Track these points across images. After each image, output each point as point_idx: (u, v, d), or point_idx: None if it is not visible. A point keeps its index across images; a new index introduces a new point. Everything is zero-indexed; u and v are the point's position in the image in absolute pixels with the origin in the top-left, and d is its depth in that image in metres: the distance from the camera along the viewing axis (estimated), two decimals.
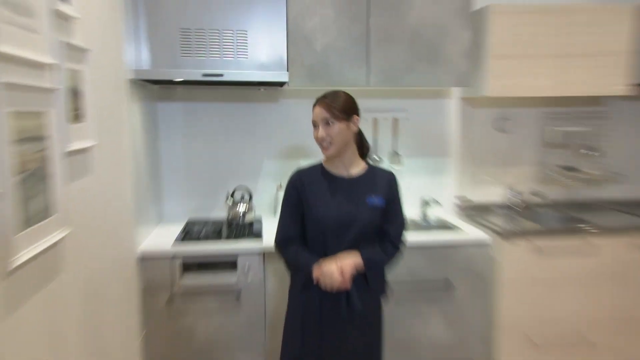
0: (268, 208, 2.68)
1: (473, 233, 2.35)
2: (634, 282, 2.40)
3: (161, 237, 2.27)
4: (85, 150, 1.49)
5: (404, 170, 2.72)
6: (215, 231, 2.36)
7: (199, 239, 2.23)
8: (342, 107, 1.57)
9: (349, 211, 1.59)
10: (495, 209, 2.80)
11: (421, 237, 2.26)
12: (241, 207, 2.49)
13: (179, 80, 2.16)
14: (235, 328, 2.16)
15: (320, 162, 1.71)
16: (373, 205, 1.61)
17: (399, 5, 2.30)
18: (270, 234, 1.69)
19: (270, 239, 1.70)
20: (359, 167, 1.67)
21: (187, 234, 2.30)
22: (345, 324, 1.62)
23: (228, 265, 2.13)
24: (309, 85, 2.29)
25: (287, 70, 2.24)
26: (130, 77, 2.02)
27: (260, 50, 2.20)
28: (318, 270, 1.56)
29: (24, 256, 1.08)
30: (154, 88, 2.48)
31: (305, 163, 1.77)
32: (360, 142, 1.70)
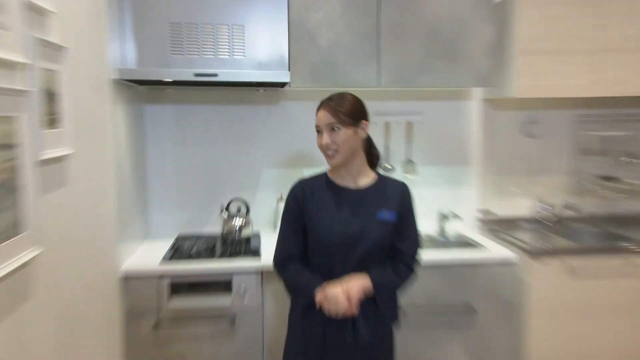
0: (267, 222, 2.68)
1: (497, 251, 2.33)
2: None
3: (147, 255, 2.27)
4: (61, 158, 1.49)
5: (419, 180, 2.72)
6: (208, 248, 2.36)
7: (189, 256, 2.23)
8: (350, 111, 1.57)
9: (357, 227, 1.58)
10: (522, 224, 2.78)
11: (439, 256, 2.25)
12: (237, 221, 2.50)
13: (168, 80, 2.17)
14: (229, 357, 2.14)
15: (325, 172, 1.71)
16: (383, 220, 1.60)
17: None
18: (270, 251, 1.69)
19: (270, 256, 1.70)
20: (367, 178, 1.67)
21: (177, 251, 2.30)
22: (351, 354, 1.60)
23: (222, 286, 2.12)
24: (313, 86, 2.30)
25: (289, 69, 2.24)
26: (114, 77, 2.03)
27: (259, 47, 2.20)
28: (321, 294, 1.54)
29: None
30: (141, 89, 2.49)
31: (309, 173, 1.76)
32: (369, 150, 1.70)
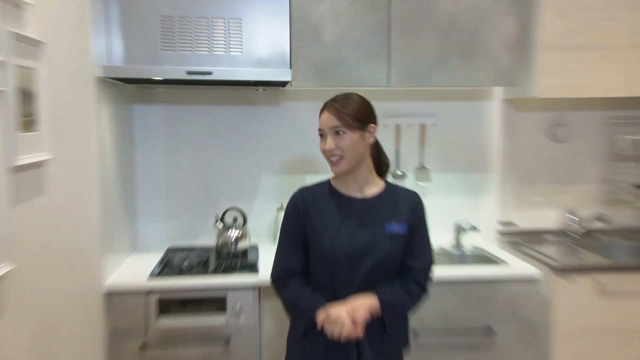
0: (266, 234, 2.69)
1: (519, 267, 2.33)
2: None
3: (134, 269, 2.27)
4: (38, 164, 1.48)
5: (432, 188, 2.72)
6: (201, 262, 2.36)
7: (180, 271, 2.23)
8: (356, 114, 1.56)
9: (363, 240, 1.58)
10: (547, 237, 2.78)
11: (454, 272, 2.25)
12: (233, 233, 2.50)
13: (158, 79, 2.17)
14: None
15: (329, 180, 1.70)
16: (393, 234, 1.59)
17: None
18: (268, 265, 1.69)
19: (268, 271, 1.70)
20: (375, 187, 1.66)
21: (167, 265, 2.31)
22: None
23: (215, 303, 2.12)
24: (316, 86, 2.31)
25: (290, 67, 2.25)
26: (99, 75, 2.04)
27: (258, 42, 2.21)
28: (324, 314, 1.54)
29: None
30: (129, 88, 2.50)
31: (312, 180, 1.76)
32: (377, 156, 1.70)
